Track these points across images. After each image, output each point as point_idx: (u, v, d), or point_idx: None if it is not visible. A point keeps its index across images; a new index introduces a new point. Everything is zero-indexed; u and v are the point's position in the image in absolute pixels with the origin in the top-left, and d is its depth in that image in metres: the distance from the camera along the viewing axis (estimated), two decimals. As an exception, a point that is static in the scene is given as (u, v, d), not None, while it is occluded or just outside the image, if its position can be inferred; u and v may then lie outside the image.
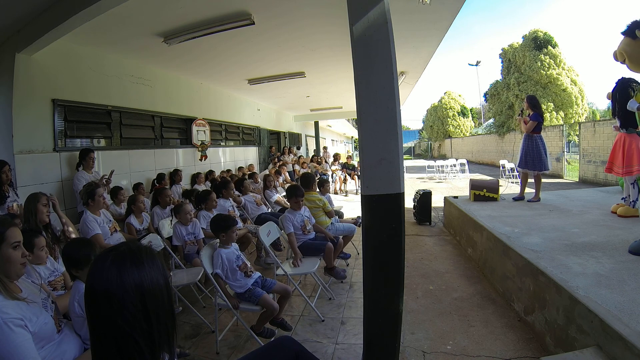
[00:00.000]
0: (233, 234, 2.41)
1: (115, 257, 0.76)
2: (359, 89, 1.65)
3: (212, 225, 2.54)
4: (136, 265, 0.75)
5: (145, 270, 0.76)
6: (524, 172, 4.49)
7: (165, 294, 0.78)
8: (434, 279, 3.17)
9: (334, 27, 3.88)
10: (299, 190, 3.21)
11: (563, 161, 11.26)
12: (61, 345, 1.37)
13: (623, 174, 3.28)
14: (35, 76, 3.54)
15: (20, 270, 1.33)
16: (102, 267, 0.75)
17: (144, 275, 0.75)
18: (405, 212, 1.69)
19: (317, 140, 15.10)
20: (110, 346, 0.72)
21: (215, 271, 2.27)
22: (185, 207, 3.18)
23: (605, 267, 2.16)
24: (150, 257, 0.79)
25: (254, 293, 2.26)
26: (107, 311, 0.72)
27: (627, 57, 2.34)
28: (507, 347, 2.05)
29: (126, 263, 0.75)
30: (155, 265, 0.79)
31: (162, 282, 0.78)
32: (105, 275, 0.74)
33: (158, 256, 0.84)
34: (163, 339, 0.77)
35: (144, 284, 0.74)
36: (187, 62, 5.08)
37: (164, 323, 0.77)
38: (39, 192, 2.44)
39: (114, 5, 2.73)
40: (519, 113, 4.60)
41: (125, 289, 0.72)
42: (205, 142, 6.62)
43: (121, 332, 0.72)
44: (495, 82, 18.65)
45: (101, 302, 0.72)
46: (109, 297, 0.72)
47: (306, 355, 1.33)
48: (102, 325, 0.73)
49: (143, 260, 0.77)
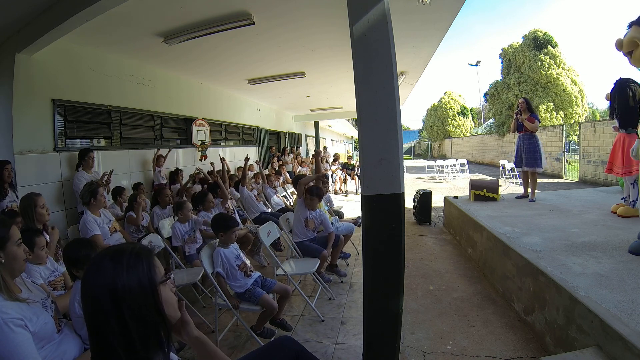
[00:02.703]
0: (232, 235, 2.41)
1: (97, 258, 0.78)
2: (359, 89, 1.65)
3: (212, 224, 2.54)
4: (114, 266, 0.75)
5: (122, 272, 0.74)
6: (525, 171, 4.52)
7: (146, 297, 0.76)
8: (434, 279, 3.17)
9: (334, 27, 3.88)
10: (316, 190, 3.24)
11: (563, 161, 11.26)
12: (61, 345, 1.37)
13: (623, 174, 3.29)
14: (35, 76, 3.54)
15: (23, 266, 1.37)
16: (89, 268, 0.77)
17: (119, 277, 0.73)
18: (405, 212, 1.69)
19: (317, 140, 15.09)
20: (93, 345, 0.74)
21: (216, 270, 2.26)
22: (187, 205, 3.22)
23: (605, 267, 2.16)
24: (135, 259, 0.77)
25: (254, 293, 2.26)
26: (88, 311, 0.74)
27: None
28: (507, 347, 2.05)
29: (104, 264, 0.75)
30: (140, 267, 0.77)
31: (145, 285, 0.76)
32: (87, 275, 0.76)
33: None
34: (146, 342, 0.75)
35: (118, 285, 0.73)
36: (187, 62, 5.08)
37: (144, 326, 0.75)
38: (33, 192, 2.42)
39: (114, 5, 2.73)
40: (516, 112, 4.59)
41: (98, 290, 0.73)
42: (205, 142, 6.62)
43: (98, 332, 0.73)
44: (495, 82, 18.67)
45: (85, 302, 0.75)
46: (88, 297, 0.74)
47: (306, 355, 1.33)
48: (87, 325, 0.75)
49: (123, 261, 0.76)
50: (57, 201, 3.74)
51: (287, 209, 5.00)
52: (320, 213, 3.28)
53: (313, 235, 3.24)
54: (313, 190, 3.22)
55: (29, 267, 1.84)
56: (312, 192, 3.21)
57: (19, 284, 1.35)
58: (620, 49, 2.31)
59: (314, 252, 3.05)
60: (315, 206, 3.24)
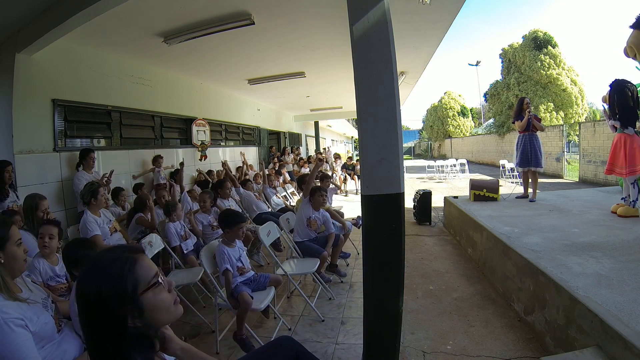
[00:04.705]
0: (239, 232, 2.38)
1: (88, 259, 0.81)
2: (359, 89, 1.65)
3: (220, 219, 2.55)
4: (95, 269, 0.76)
5: (99, 275, 0.74)
6: (526, 171, 4.52)
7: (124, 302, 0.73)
8: (434, 279, 3.17)
9: (334, 27, 3.88)
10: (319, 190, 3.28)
11: (563, 161, 11.25)
12: (61, 345, 1.38)
13: (627, 174, 3.25)
14: (35, 76, 3.54)
15: (23, 266, 1.37)
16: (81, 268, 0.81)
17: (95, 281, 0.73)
18: (405, 212, 1.69)
19: (317, 140, 15.10)
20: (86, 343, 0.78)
21: (224, 266, 2.24)
22: (179, 205, 3.27)
23: (605, 267, 2.16)
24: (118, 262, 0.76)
25: (237, 290, 2.24)
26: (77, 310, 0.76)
27: (636, 50, 2.30)
28: (507, 347, 2.05)
29: (89, 266, 0.77)
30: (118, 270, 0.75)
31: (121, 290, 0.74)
32: (78, 276, 0.80)
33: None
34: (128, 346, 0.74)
35: (89, 287, 0.73)
36: (187, 62, 5.08)
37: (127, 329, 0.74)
38: (38, 195, 2.44)
39: (114, 5, 2.73)
40: (528, 110, 4.46)
41: (82, 291, 0.74)
42: (205, 142, 6.62)
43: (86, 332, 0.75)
44: (495, 82, 18.66)
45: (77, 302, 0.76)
46: (76, 296, 0.76)
47: (306, 355, 1.33)
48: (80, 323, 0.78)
49: (104, 264, 0.76)
50: (57, 201, 3.74)
51: (287, 208, 5.00)
52: (323, 213, 3.29)
53: (314, 235, 3.24)
54: (319, 191, 3.25)
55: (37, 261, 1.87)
56: (318, 193, 3.24)
57: (19, 284, 1.35)
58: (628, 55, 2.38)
59: (314, 252, 3.05)
60: (320, 207, 3.27)
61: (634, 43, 2.29)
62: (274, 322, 2.55)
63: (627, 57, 2.43)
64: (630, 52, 2.35)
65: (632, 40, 2.31)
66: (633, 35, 2.31)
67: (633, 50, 2.32)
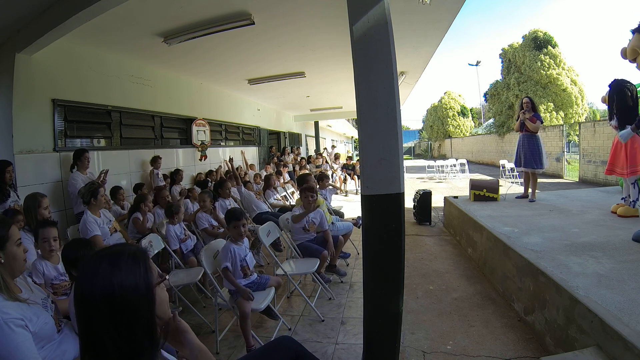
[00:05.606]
0: (235, 229, 2.39)
1: (93, 260, 0.76)
2: (359, 89, 1.65)
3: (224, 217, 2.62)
4: (111, 269, 0.74)
5: (120, 275, 0.73)
6: (526, 171, 4.52)
7: (141, 300, 0.75)
8: (434, 279, 3.17)
9: (334, 27, 3.88)
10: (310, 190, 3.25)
11: (563, 161, 11.25)
12: (61, 345, 1.38)
13: (628, 174, 3.23)
14: (35, 76, 3.54)
15: (23, 266, 1.37)
16: (84, 270, 0.76)
17: (117, 280, 0.73)
18: (405, 212, 1.69)
19: (317, 140, 15.10)
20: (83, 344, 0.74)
21: (224, 264, 2.25)
22: (181, 208, 3.26)
23: (605, 267, 2.16)
24: (133, 262, 0.77)
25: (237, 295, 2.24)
26: (82, 312, 0.73)
27: None
28: (507, 347, 2.05)
29: (102, 267, 0.74)
30: (137, 270, 0.76)
31: (141, 287, 0.75)
32: (83, 278, 0.75)
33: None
34: (137, 343, 0.74)
35: (115, 288, 0.72)
36: (187, 62, 5.08)
37: (137, 327, 0.74)
38: (38, 193, 2.44)
39: (114, 5, 2.73)
40: (522, 111, 4.46)
41: (94, 293, 0.72)
42: (205, 142, 6.62)
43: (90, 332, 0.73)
44: (495, 82, 18.67)
45: (78, 303, 0.73)
46: (83, 298, 0.73)
47: (306, 355, 1.33)
48: (79, 324, 0.74)
49: (121, 264, 0.75)
50: (57, 201, 3.73)
51: (286, 209, 5.00)
52: (320, 213, 3.27)
53: (313, 236, 3.23)
54: (307, 189, 3.22)
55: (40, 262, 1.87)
56: (306, 191, 3.21)
57: (19, 284, 1.35)
58: (626, 57, 2.39)
59: (314, 252, 3.05)
60: (312, 206, 3.19)
61: (638, 46, 2.31)
62: (274, 322, 2.54)
63: (624, 59, 2.44)
64: (632, 54, 2.37)
65: (635, 44, 2.32)
66: (636, 39, 2.33)
67: (635, 53, 2.34)
